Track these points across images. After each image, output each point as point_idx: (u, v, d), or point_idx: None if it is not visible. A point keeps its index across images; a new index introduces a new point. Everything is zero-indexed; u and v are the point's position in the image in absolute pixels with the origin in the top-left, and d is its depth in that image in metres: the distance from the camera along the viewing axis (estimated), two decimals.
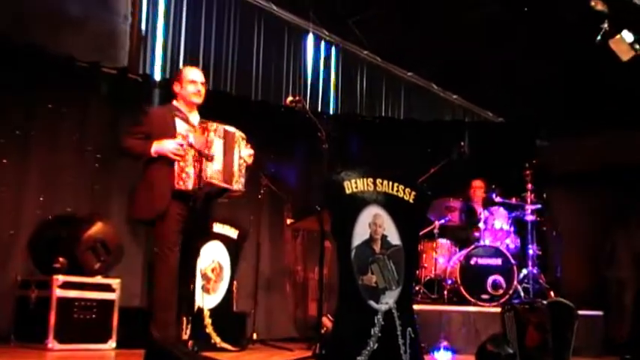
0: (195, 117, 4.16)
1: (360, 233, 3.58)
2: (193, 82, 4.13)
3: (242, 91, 6.87)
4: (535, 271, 6.18)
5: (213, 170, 3.93)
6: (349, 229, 3.56)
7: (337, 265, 3.55)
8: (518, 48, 7.29)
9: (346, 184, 3.63)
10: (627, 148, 6.66)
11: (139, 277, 5.45)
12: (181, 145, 3.90)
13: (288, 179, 6.38)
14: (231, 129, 4.15)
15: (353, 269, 3.50)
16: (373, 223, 3.64)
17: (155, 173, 3.94)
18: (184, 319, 4.13)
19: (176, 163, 3.88)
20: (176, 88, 4.17)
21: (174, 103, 4.17)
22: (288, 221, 6.08)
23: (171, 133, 3.97)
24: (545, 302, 4.23)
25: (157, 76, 6.29)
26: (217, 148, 3.99)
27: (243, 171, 4.16)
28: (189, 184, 3.90)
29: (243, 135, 4.22)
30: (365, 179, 3.69)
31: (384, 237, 3.65)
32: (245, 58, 7.02)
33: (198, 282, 4.67)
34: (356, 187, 3.66)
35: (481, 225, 6.34)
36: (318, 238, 4.11)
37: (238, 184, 4.12)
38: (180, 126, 4.00)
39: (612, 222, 6.69)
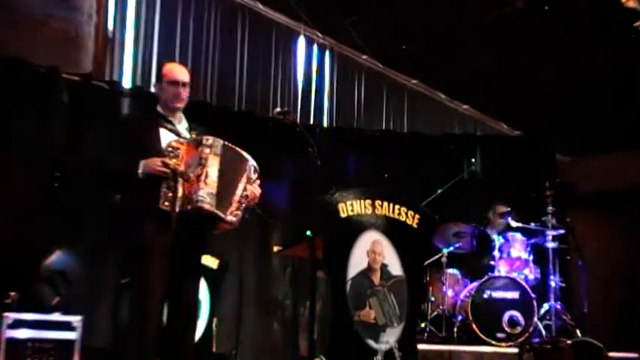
0: (182, 126, 4.01)
1: (357, 262, 3.66)
2: (174, 82, 3.95)
3: (223, 101, 6.85)
4: (558, 306, 6.14)
5: (205, 192, 3.73)
6: (344, 258, 3.65)
7: (331, 298, 3.61)
8: (536, 54, 7.33)
9: (341, 206, 3.71)
10: None
11: (107, 313, 5.37)
12: (167, 165, 3.70)
13: (276, 201, 6.34)
14: (239, 151, 3.92)
15: (348, 303, 3.59)
16: (372, 251, 3.72)
17: (142, 194, 3.79)
18: None
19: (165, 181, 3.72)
20: (155, 88, 4.03)
21: (158, 108, 4.00)
22: (276, 249, 6.03)
23: (156, 147, 3.81)
24: (569, 342, 4.19)
25: (126, 84, 6.25)
26: (212, 168, 3.77)
27: (243, 206, 3.90)
28: (176, 206, 3.72)
29: (256, 166, 3.98)
30: (362, 201, 3.75)
31: (383, 266, 3.72)
32: (227, 63, 7.01)
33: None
34: (352, 210, 3.73)
35: (495, 253, 6.31)
36: (310, 268, 4.01)
37: (232, 217, 3.85)
38: (167, 138, 3.84)
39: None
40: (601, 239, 7.16)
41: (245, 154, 3.97)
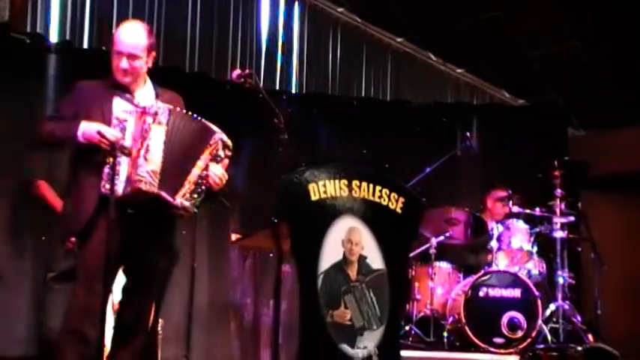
0: (145, 93, 3.98)
1: (330, 254, 3.62)
2: (117, 53, 3.89)
3: (172, 61, 6.80)
4: (566, 307, 6.17)
5: (145, 170, 3.71)
6: (315, 249, 3.60)
7: (299, 297, 3.58)
8: (545, 12, 7.36)
9: (312, 187, 3.66)
10: None
11: (25, 317, 5.34)
12: (104, 136, 3.64)
13: (234, 181, 6.32)
14: (199, 120, 3.88)
15: (320, 302, 3.55)
16: (348, 241, 3.69)
17: (83, 173, 3.80)
18: None
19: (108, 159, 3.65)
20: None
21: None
22: (234, 237, 6.01)
23: (105, 117, 3.76)
24: (580, 348, 4.25)
25: (53, 38, 6.20)
26: (155, 140, 3.75)
27: (201, 191, 3.85)
28: (119, 188, 3.70)
29: (226, 140, 3.97)
30: (337, 181, 3.72)
31: (362, 259, 3.69)
32: (176, 16, 6.96)
33: (109, 321, 4.58)
34: (325, 192, 3.69)
35: (493, 244, 6.34)
36: (274, 260, 4.08)
37: (185, 201, 3.81)
38: (120, 107, 3.77)
39: None
40: (619, 229, 7.25)
41: (209, 124, 3.94)
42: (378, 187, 3.84)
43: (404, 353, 4.55)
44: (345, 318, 3.60)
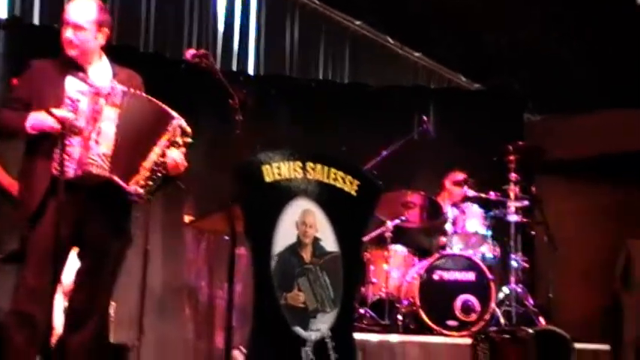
0: (101, 72, 3.91)
1: (284, 236, 3.65)
2: (63, 23, 3.84)
3: (127, 40, 6.71)
4: (519, 290, 6.26)
5: (96, 153, 3.67)
6: (269, 231, 3.63)
7: (253, 279, 3.60)
8: None
9: (266, 169, 3.68)
10: None
11: None
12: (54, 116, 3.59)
13: (190, 162, 6.28)
14: (156, 103, 3.84)
15: (273, 285, 3.58)
16: (302, 223, 3.72)
17: (36, 156, 3.75)
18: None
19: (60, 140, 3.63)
20: None
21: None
22: (187, 219, 5.99)
23: (59, 98, 3.69)
24: (531, 331, 4.29)
25: (2, 13, 6.08)
26: (107, 122, 3.71)
27: (157, 177, 3.81)
28: (70, 170, 3.66)
29: (185, 126, 3.94)
30: (292, 163, 3.74)
31: (316, 241, 3.73)
32: None
33: (59, 304, 4.53)
34: (279, 174, 3.72)
35: (448, 227, 6.41)
36: (229, 242, 4.00)
37: (139, 188, 3.77)
38: (73, 86, 3.72)
39: (626, 225, 6.88)
40: (574, 213, 7.35)
41: (167, 109, 3.90)
42: (332, 170, 3.84)
43: (358, 336, 4.58)
44: (298, 300, 3.62)
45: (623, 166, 7.25)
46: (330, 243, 3.78)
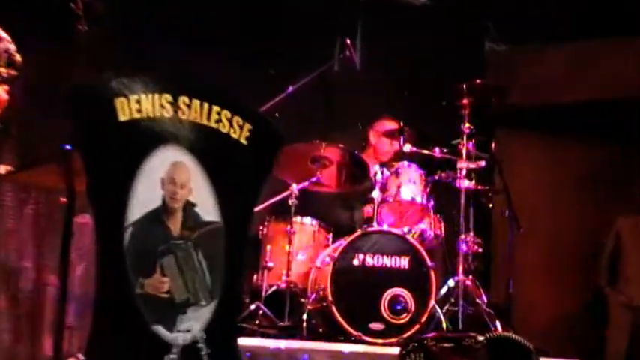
0: None
1: (144, 198, 3.61)
2: None
3: None
4: (469, 283, 6.34)
5: None
6: (123, 191, 3.58)
7: (97, 258, 3.56)
8: None
9: (120, 102, 3.62)
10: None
11: None
12: None
13: (11, 95, 6.17)
14: None
15: (126, 266, 3.53)
16: (170, 181, 3.68)
17: None
18: None
19: None
20: None
21: None
22: (3, 169, 5.86)
23: None
24: (481, 338, 4.33)
25: None
26: None
27: None
28: None
29: (14, 55, 4.20)
30: (158, 96, 3.69)
31: (189, 207, 3.70)
32: None
33: None
34: (139, 110, 3.66)
35: (376, 194, 6.41)
36: (65, 206, 3.99)
37: None
38: None
39: (615, 197, 7.02)
40: (547, 182, 7.48)
41: None
42: (215, 108, 3.83)
43: (245, 341, 4.57)
44: (161, 289, 3.59)
45: (612, 119, 7.36)
46: (208, 210, 3.76)
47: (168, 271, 3.61)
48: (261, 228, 6.39)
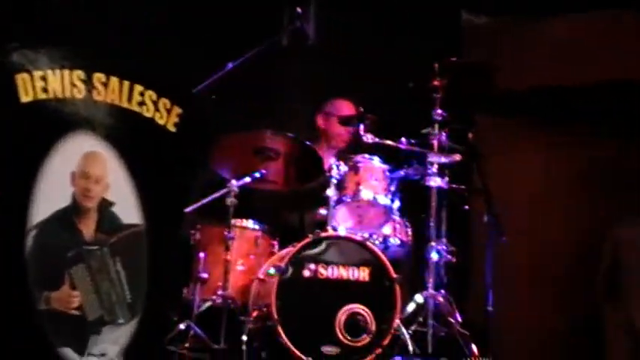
0: None
1: (51, 195, 3.69)
2: None
3: None
4: (441, 299, 6.38)
5: None
6: (25, 186, 3.69)
7: None
8: None
9: (22, 79, 3.66)
10: None
11: None
12: None
13: None
14: None
15: (28, 277, 3.56)
16: (82, 174, 3.78)
17: None
18: None
19: None
20: None
21: None
22: None
23: None
24: None
25: None
26: None
27: None
28: None
29: None
30: (68, 72, 3.72)
31: (105, 206, 3.79)
32: None
33: None
34: (45, 90, 3.68)
35: (331, 192, 6.45)
36: None
37: None
38: None
39: (614, 199, 7.12)
40: (535, 180, 7.56)
41: None
42: (138, 88, 3.87)
43: None
44: (70, 304, 3.66)
45: (619, 105, 7.44)
46: (128, 210, 3.85)
47: (78, 283, 3.63)
48: (192, 232, 6.36)
